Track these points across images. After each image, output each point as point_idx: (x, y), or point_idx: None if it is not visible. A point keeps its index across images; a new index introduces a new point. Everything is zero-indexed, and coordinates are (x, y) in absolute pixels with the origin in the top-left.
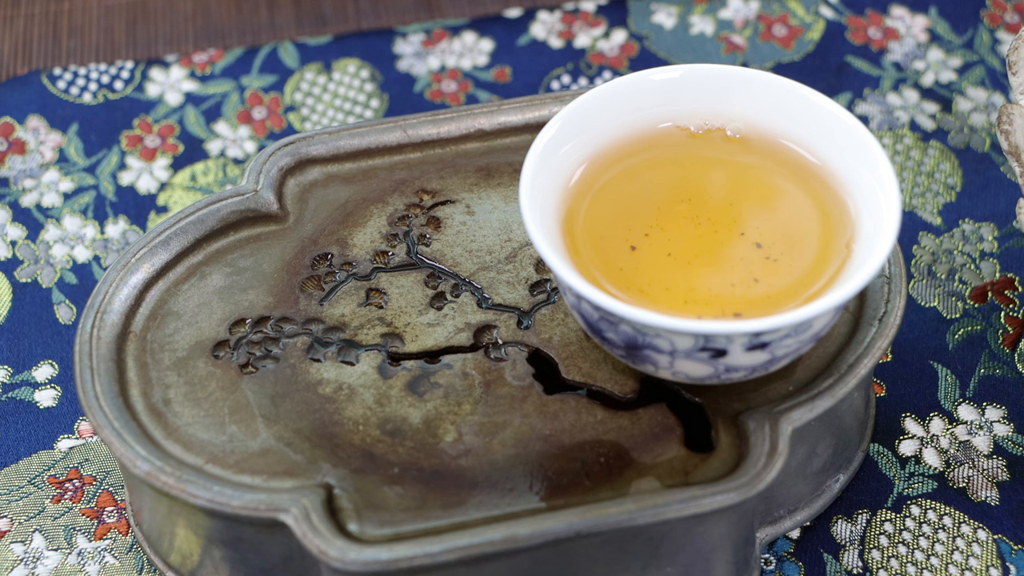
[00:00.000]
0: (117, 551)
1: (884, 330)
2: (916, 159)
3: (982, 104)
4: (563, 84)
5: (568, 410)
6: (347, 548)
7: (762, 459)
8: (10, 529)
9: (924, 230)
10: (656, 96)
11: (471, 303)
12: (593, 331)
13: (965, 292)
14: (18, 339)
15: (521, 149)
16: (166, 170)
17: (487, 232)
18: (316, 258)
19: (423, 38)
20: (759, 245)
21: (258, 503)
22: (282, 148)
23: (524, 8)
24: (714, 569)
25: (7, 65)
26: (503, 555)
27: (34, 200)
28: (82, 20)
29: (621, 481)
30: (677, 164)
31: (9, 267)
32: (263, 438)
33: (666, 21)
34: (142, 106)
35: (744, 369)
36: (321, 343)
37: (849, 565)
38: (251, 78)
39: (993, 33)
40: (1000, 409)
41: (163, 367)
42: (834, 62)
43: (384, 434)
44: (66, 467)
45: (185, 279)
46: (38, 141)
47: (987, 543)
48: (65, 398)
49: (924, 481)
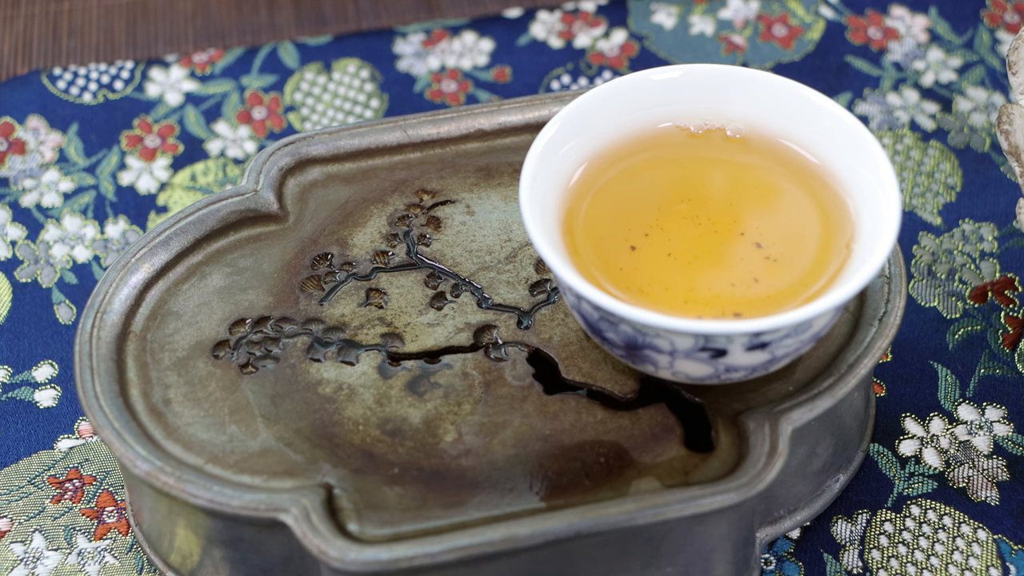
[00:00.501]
0: (117, 551)
1: (884, 330)
2: (916, 159)
3: (982, 104)
4: (563, 84)
5: (568, 410)
6: (347, 548)
7: (762, 459)
8: (10, 529)
9: (924, 230)
10: (656, 96)
11: (471, 303)
12: (593, 331)
13: (965, 292)
14: (18, 339)
15: (521, 149)
16: (166, 170)
17: (487, 232)
18: (316, 258)
19: (423, 38)
20: (759, 245)
21: (258, 503)
22: (282, 148)
23: (524, 8)
24: (714, 569)
25: (7, 65)
26: (503, 555)
27: (34, 200)
28: (82, 20)
29: (621, 481)
30: (677, 164)
31: (9, 267)
32: (263, 438)
33: (666, 21)
34: (142, 106)
35: (744, 369)
36: (321, 343)
37: (849, 565)
38: (251, 78)
39: (993, 33)
40: (1000, 409)
41: (163, 367)
42: (834, 62)
43: (384, 434)
44: (66, 467)
45: (185, 279)
46: (38, 141)
47: (987, 543)
48: (65, 398)
49: (924, 481)
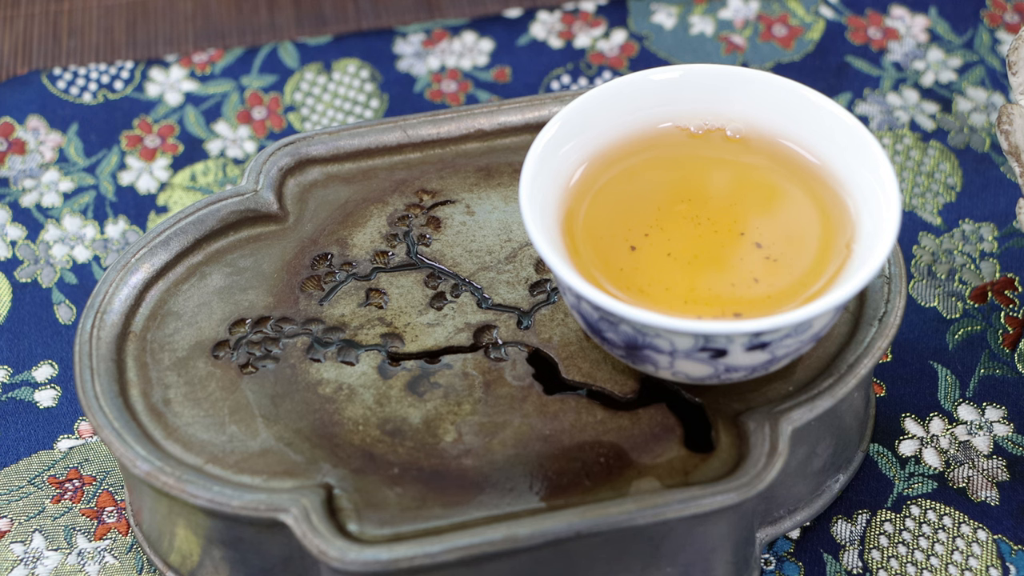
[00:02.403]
0: (117, 551)
1: (884, 330)
2: (916, 159)
3: (982, 104)
4: (563, 84)
5: (568, 410)
6: (347, 548)
7: (762, 459)
8: (10, 529)
9: (924, 230)
10: (656, 96)
11: (471, 303)
12: (593, 331)
13: (965, 292)
14: (18, 339)
15: (521, 149)
16: (166, 170)
17: (487, 232)
18: (316, 258)
19: (423, 38)
20: (759, 245)
21: (258, 503)
22: (282, 148)
23: (524, 8)
24: (714, 569)
25: (7, 65)
26: (503, 555)
27: (34, 200)
28: (82, 20)
29: (621, 481)
30: (677, 164)
31: (9, 267)
32: (263, 438)
33: (666, 21)
34: (142, 106)
35: (744, 369)
36: (321, 343)
37: (849, 565)
38: (251, 78)
39: (993, 33)
40: (1000, 409)
41: (163, 367)
42: (834, 62)
43: (384, 434)
44: (66, 467)
45: (185, 279)
46: (38, 141)
47: (987, 543)
48: (65, 398)
49: (924, 481)
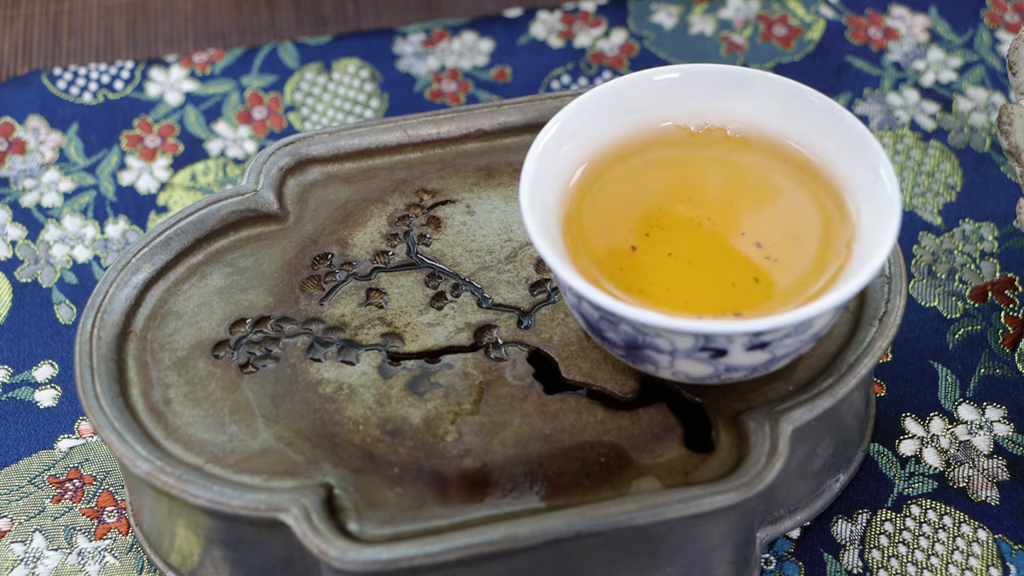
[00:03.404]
0: (117, 551)
1: (884, 330)
2: (916, 159)
3: (982, 104)
4: (563, 84)
5: (568, 410)
6: (347, 548)
7: (762, 459)
8: (10, 529)
9: (924, 230)
10: (656, 96)
11: (471, 303)
12: (593, 331)
13: (965, 292)
14: (18, 339)
15: (521, 149)
16: (166, 170)
17: (487, 232)
18: (316, 258)
19: (423, 38)
20: (759, 245)
21: (258, 503)
22: (282, 148)
23: (524, 8)
24: (714, 569)
25: (7, 65)
26: (503, 555)
27: (34, 200)
28: (82, 20)
29: (621, 481)
30: (677, 164)
31: (9, 267)
32: (263, 438)
33: (666, 21)
34: (142, 106)
35: (744, 369)
36: (321, 343)
37: (849, 565)
38: (251, 78)
39: (993, 33)
40: (1000, 409)
41: (163, 367)
42: (834, 62)
43: (384, 434)
44: (66, 467)
45: (185, 279)
46: (38, 141)
47: (987, 543)
48: (65, 398)
49: (924, 481)
